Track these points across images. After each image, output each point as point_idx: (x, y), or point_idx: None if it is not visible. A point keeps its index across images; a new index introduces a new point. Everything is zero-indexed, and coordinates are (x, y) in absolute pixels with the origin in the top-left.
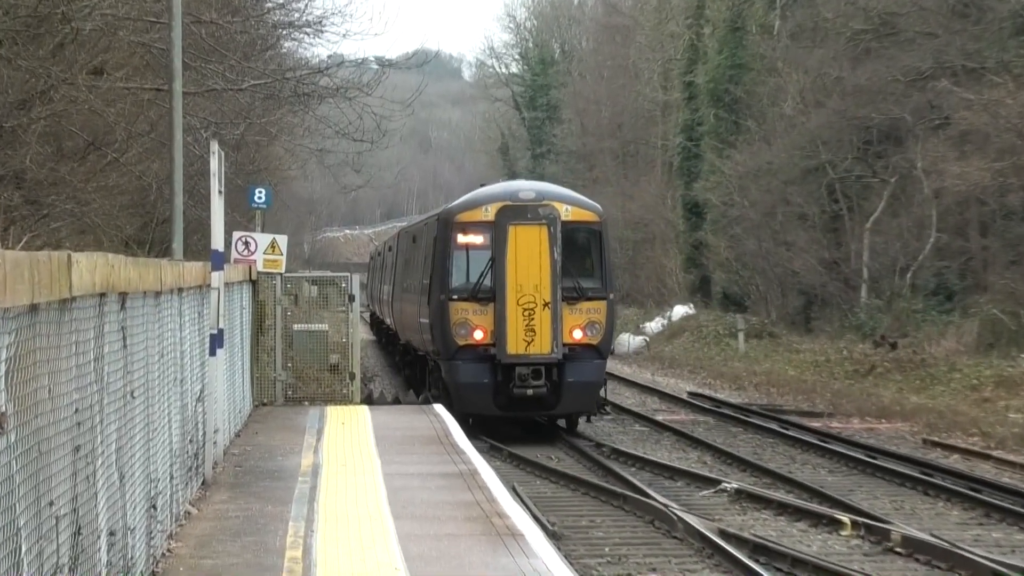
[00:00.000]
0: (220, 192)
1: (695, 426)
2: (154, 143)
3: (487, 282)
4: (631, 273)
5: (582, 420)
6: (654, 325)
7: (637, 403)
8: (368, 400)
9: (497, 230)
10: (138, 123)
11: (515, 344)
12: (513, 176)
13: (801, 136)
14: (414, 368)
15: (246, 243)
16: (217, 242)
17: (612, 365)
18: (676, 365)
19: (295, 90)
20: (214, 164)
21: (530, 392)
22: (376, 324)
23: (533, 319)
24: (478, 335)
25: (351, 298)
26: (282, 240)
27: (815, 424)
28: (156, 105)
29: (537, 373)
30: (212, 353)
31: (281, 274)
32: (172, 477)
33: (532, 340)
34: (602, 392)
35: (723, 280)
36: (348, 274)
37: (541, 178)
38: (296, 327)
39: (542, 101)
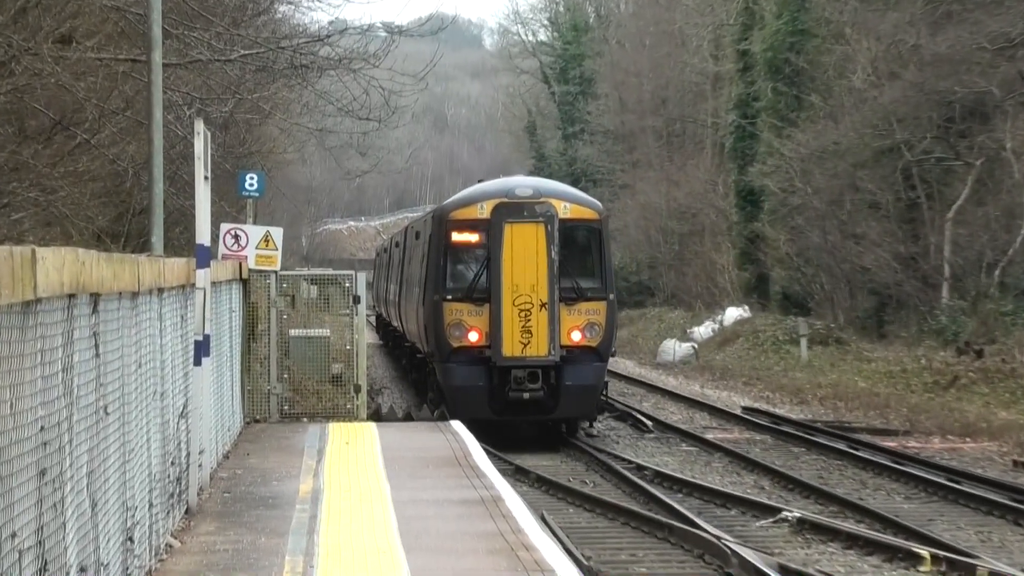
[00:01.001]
0: (206, 178)
1: (751, 446)
2: (130, 122)
3: (482, 282)
4: (676, 270)
5: (614, 437)
6: (703, 330)
7: (684, 419)
8: (376, 416)
9: (493, 228)
10: (112, 99)
11: (511, 346)
12: (541, 159)
13: (873, 113)
14: (420, 372)
15: (236, 236)
16: (203, 235)
17: (655, 375)
18: (728, 376)
19: (291, 61)
20: (199, 146)
21: (526, 396)
22: (383, 327)
23: (530, 320)
24: (473, 337)
25: (356, 299)
26: (277, 233)
27: (889, 444)
28: (132, 79)
29: (534, 376)
30: (197, 362)
31: (276, 272)
32: (151, 505)
33: (529, 342)
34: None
35: (782, 278)
36: (352, 272)
37: (573, 162)
38: (293, 333)
39: (575, 73)
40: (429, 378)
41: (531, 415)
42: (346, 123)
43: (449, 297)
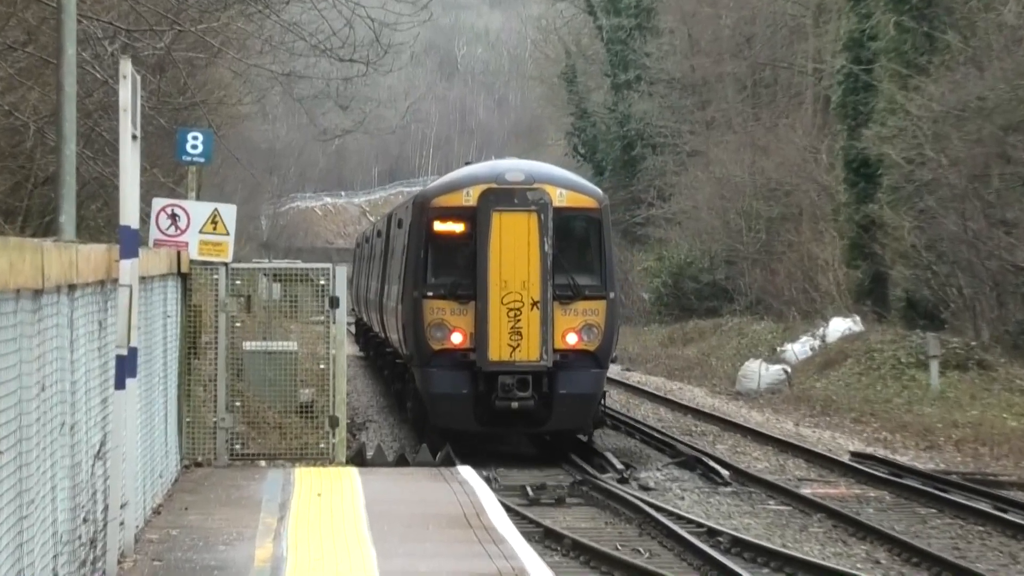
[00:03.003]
0: (134, 137)
1: (862, 505)
2: (32, 61)
3: (467, 277)
4: (763, 267)
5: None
6: (799, 348)
7: (772, 468)
8: (359, 459)
9: (479, 217)
10: (7, 30)
11: (498, 349)
12: (583, 116)
13: None
14: (403, 382)
15: (173, 216)
16: (129, 214)
17: (733, 408)
18: (833, 410)
19: None
20: (125, 94)
21: (515, 405)
22: (363, 335)
23: (520, 321)
24: (456, 338)
25: (334, 302)
26: (228, 212)
27: None
28: (35, 3)
29: (523, 383)
30: (120, 385)
31: (227, 264)
32: (56, 575)
33: (518, 345)
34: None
35: (906, 279)
36: (329, 265)
37: (625, 120)
38: (248, 346)
39: (629, 1)
40: (407, 385)
41: (520, 427)
42: (322, 66)
43: (430, 294)
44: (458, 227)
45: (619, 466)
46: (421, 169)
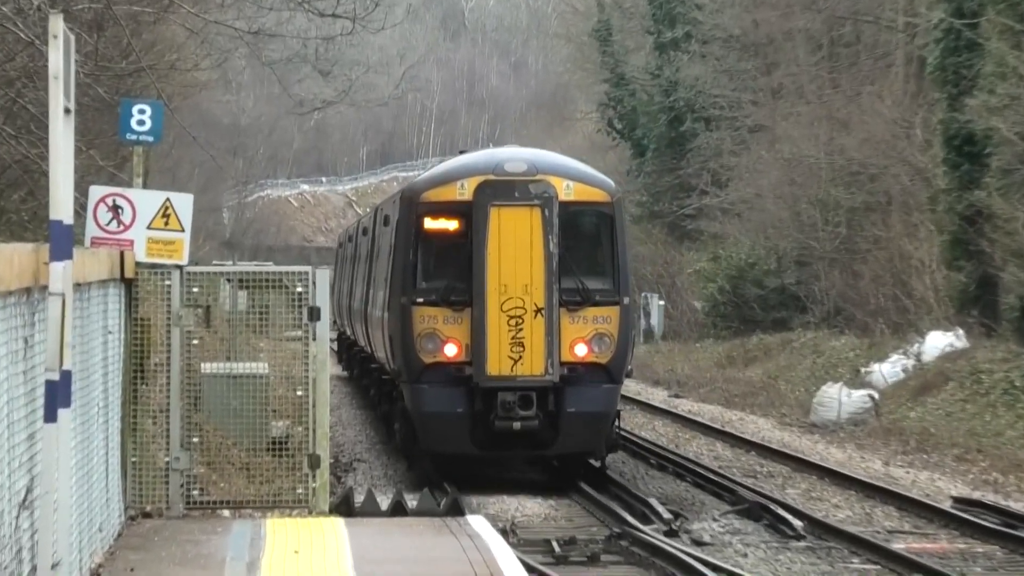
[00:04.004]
0: (67, 111)
1: (968, 563)
2: None
3: (462, 281)
4: (843, 269)
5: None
6: (888, 369)
7: (856, 518)
8: (344, 507)
9: (476, 212)
10: None
11: (497, 362)
12: (619, 83)
13: None
14: (391, 403)
15: (115, 209)
16: (61, 206)
17: (807, 443)
18: (931, 446)
19: None
20: (56, 58)
21: (517, 425)
22: (346, 351)
23: (522, 330)
24: (449, 350)
25: (314, 313)
26: (183, 203)
27: None
28: None
29: (526, 401)
30: (50, 417)
31: (181, 267)
32: None
33: (520, 358)
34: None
35: (1021, 284)
36: (308, 268)
37: (672, 88)
38: (208, 368)
39: None
40: (395, 405)
41: (523, 450)
42: (298, 22)
43: (420, 300)
44: (451, 224)
45: (666, 515)
46: (420, 149)
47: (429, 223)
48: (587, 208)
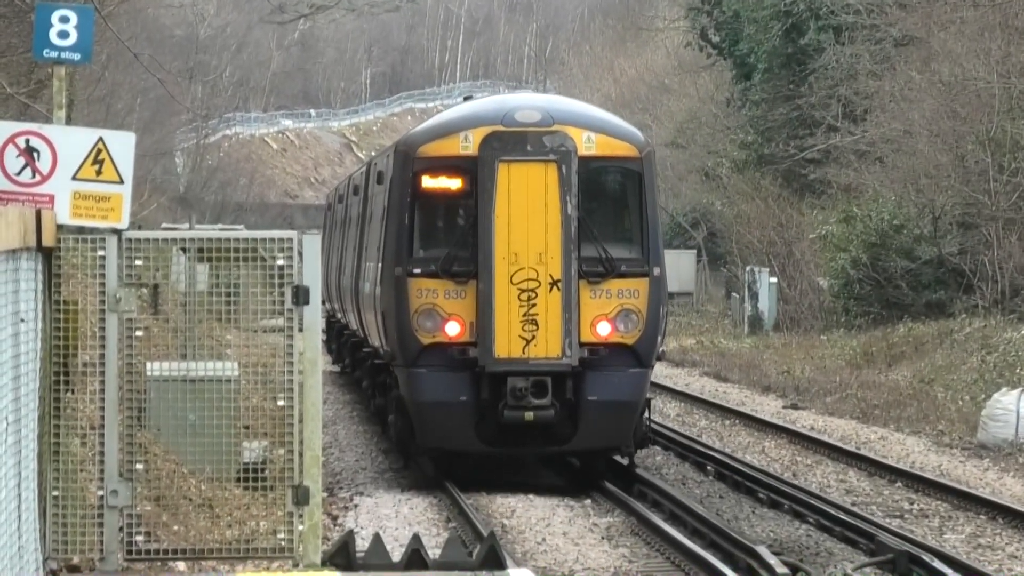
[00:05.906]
0: None
1: None
2: None
3: (465, 249)
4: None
5: None
6: None
7: None
8: (342, 556)
9: (482, 169)
10: None
11: (507, 343)
12: None
13: None
14: (384, 392)
15: (29, 152)
16: None
17: (975, 471)
18: None
19: None
20: None
21: (529, 416)
22: (336, 337)
23: (535, 306)
24: (452, 329)
25: (300, 294)
26: (122, 146)
27: None
28: None
29: (540, 387)
30: None
31: (120, 232)
32: None
33: (533, 338)
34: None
35: None
36: (293, 233)
37: (739, 14)
38: (154, 369)
39: None
40: (389, 395)
41: (536, 445)
42: None
43: (417, 271)
44: (453, 183)
45: (781, 569)
46: (445, 72)
47: (427, 181)
48: (611, 164)
